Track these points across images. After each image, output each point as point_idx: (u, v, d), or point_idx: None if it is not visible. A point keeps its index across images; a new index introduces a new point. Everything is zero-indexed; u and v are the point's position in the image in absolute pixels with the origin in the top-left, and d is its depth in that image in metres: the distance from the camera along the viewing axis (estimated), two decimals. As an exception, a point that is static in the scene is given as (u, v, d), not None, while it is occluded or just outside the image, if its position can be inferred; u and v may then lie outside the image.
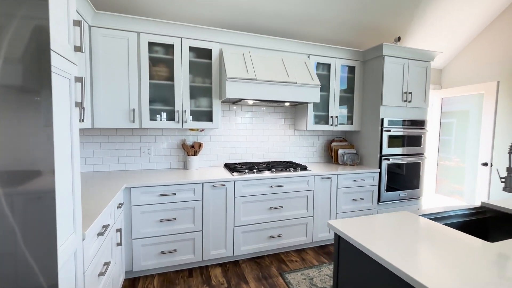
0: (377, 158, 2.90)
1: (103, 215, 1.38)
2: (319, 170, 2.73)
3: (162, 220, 2.08)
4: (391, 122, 2.88)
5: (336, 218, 2.72)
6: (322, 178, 2.62)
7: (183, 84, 2.36)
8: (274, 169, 2.53)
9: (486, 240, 1.56)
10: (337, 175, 2.69)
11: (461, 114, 3.64)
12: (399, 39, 2.76)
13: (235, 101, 2.67)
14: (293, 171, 2.58)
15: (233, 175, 2.33)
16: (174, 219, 2.12)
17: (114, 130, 2.49)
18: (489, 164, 3.13)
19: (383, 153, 2.87)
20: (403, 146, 2.97)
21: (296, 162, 3.18)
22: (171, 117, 2.44)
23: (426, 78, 3.03)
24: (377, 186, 2.88)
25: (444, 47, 3.52)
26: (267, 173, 2.43)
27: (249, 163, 2.90)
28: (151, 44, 2.29)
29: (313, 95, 2.57)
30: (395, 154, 2.96)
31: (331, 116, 2.97)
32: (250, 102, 2.54)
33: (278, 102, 2.57)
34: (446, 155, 3.83)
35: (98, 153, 2.46)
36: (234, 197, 2.30)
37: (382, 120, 2.86)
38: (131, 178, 2.15)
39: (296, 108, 3.10)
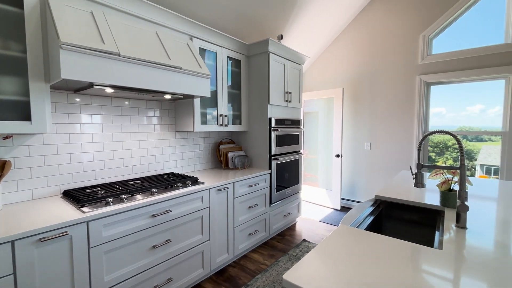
0: (266, 159, 2.78)
1: None
2: (212, 179, 2.22)
3: None
4: (277, 122, 2.84)
5: (234, 233, 2.33)
6: (219, 190, 2.14)
7: None
8: (155, 189, 1.77)
9: (381, 225, 1.67)
10: (234, 183, 2.30)
11: (313, 114, 4.28)
12: (281, 37, 2.73)
13: (80, 88, 1.66)
14: (182, 187, 1.93)
15: (83, 212, 1.38)
16: None
17: None
18: (340, 156, 3.81)
19: (272, 153, 2.78)
20: (286, 145, 3.02)
21: (181, 173, 2.52)
22: None
23: (300, 80, 3.23)
24: (269, 188, 2.76)
25: (305, 54, 3.98)
26: (146, 198, 1.65)
27: (111, 184, 1.94)
28: None
29: (203, 87, 2.02)
30: (282, 154, 2.96)
31: (221, 115, 2.54)
32: (109, 90, 1.64)
33: (155, 93, 1.82)
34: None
35: None
36: (89, 248, 1.37)
37: (270, 119, 2.75)
38: None
39: (177, 104, 2.43)
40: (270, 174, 2.76)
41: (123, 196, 1.59)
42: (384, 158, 3.62)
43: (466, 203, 1.51)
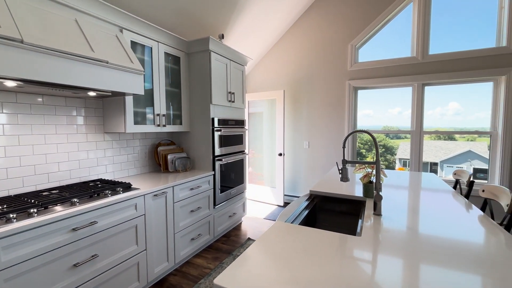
0: (210, 160, 2.71)
1: None
2: (148, 184, 2.06)
3: None
4: (220, 122, 2.80)
5: (174, 240, 2.20)
6: (155, 195, 1.99)
7: None
8: (76, 199, 1.54)
9: (316, 217, 1.79)
10: (173, 187, 2.17)
11: (258, 115, 4.39)
12: (222, 36, 2.70)
13: (-33, 80, 1.33)
14: (112, 194, 1.73)
15: (-28, 233, 1.11)
16: None
17: None
18: (283, 154, 3.99)
19: (216, 154, 2.73)
20: (230, 145, 3.00)
21: (112, 179, 2.27)
22: None
23: (243, 81, 3.26)
24: (213, 189, 2.70)
25: (249, 56, 4.04)
26: (65, 210, 1.42)
27: (17, 196, 1.62)
28: None
29: (135, 84, 1.85)
30: (226, 154, 2.93)
31: (158, 114, 2.37)
32: (10, 84, 1.36)
33: (75, 89, 1.59)
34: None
35: None
36: (-19, 278, 1.11)
37: (213, 119, 2.69)
38: None
39: (106, 102, 2.17)
40: (214, 175, 2.71)
41: (32, 210, 1.34)
42: (320, 156, 3.93)
43: (380, 193, 1.73)
